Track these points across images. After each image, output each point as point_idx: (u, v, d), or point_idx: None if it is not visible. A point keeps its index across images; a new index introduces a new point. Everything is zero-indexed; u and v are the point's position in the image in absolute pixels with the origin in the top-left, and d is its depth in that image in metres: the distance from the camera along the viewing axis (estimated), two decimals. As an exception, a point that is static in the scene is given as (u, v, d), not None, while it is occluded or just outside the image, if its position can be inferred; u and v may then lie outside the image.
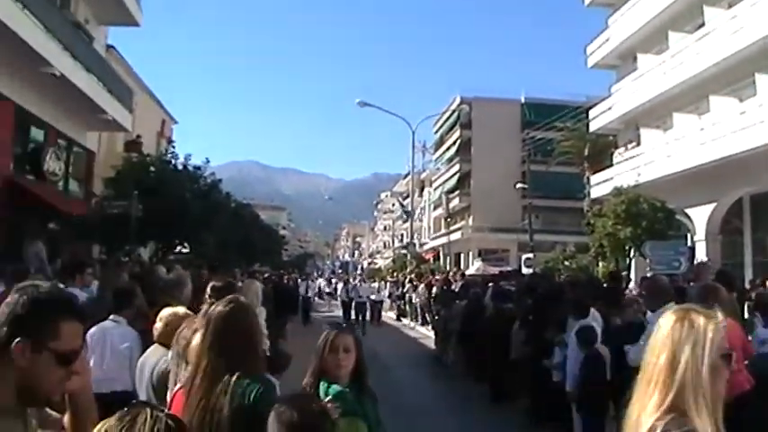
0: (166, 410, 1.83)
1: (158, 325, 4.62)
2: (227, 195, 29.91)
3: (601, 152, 36.80)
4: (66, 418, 2.24)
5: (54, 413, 2.21)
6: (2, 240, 16.30)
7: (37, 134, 20.34)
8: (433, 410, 12.30)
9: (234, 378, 3.06)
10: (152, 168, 22.08)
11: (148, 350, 4.66)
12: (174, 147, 25.04)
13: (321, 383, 3.50)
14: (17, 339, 2.02)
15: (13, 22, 14.61)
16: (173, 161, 23.17)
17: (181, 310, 5.00)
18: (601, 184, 31.28)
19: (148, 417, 1.72)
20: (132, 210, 18.42)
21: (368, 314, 27.31)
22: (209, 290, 6.34)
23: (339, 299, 32.18)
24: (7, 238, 16.58)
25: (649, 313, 8.04)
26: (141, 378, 4.33)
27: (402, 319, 31.71)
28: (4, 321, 2.06)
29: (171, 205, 19.97)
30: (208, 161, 24.29)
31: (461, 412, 12.14)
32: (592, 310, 9.05)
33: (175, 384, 3.63)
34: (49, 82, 17.74)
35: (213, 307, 3.35)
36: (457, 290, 18.68)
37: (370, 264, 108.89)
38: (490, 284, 15.31)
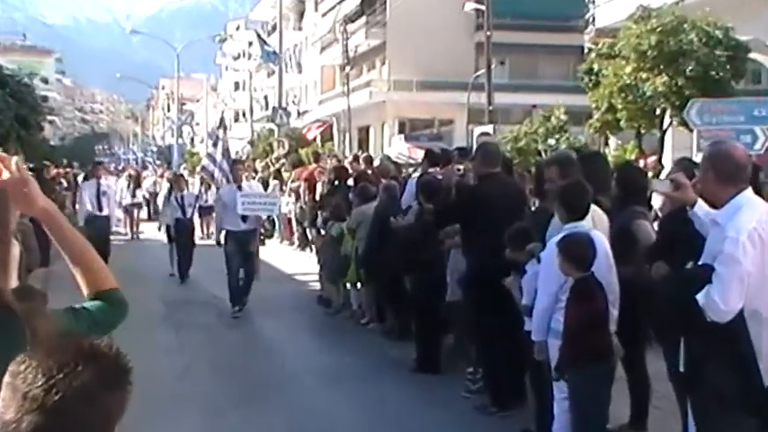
0: None
1: None
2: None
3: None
4: None
5: None
6: None
7: None
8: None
9: None
10: None
11: None
12: None
13: None
14: None
15: None
16: None
17: None
18: (613, 1, 19.64)
19: None
20: None
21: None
22: None
23: (164, 221, 14.78)
24: None
25: (704, 209, 4.14)
26: None
27: (266, 240, 16.55)
28: None
29: None
30: None
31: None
32: (593, 208, 5.10)
33: None
34: None
35: None
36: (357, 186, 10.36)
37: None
38: (414, 174, 9.46)
